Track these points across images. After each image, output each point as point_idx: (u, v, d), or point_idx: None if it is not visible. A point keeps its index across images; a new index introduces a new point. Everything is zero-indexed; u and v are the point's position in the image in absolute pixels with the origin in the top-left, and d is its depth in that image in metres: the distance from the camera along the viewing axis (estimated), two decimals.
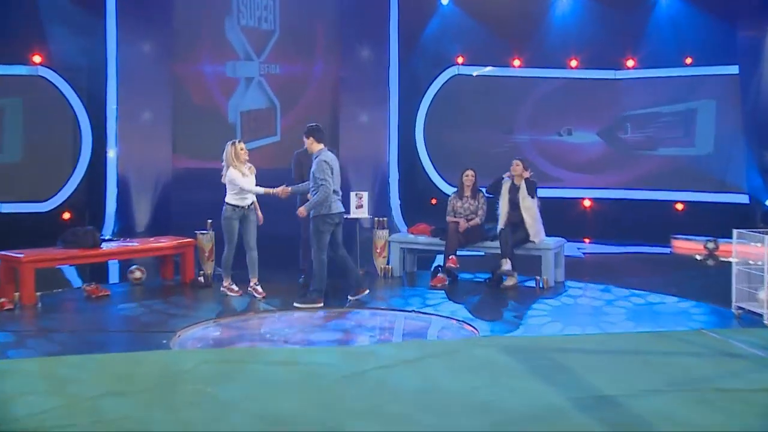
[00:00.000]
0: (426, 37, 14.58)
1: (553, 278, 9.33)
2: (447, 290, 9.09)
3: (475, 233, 9.53)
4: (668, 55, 13.79)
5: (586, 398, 5.33)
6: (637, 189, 14.15)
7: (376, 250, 10.10)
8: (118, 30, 13.41)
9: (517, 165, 9.51)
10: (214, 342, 7.27)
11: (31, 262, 8.25)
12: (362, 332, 7.71)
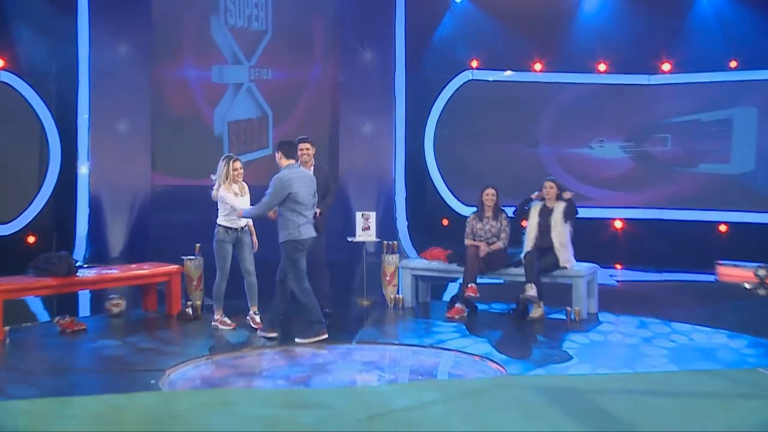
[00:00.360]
0: (436, 38, 14.80)
1: (585, 310, 9.38)
2: (466, 323, 9.15)
3: (497, 259, 9.58)
4: (710, 57, 13.95)
5: None
6: (674, 208, 14.29)
7: (385, 277, 10.15)
8: (91, 30, 13.59)
9: (551, 188, 9.56)
10: (209, 382, 7.30)
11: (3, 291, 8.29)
12: (374, 371, 7.76)
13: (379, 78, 14.65)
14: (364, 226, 10.14)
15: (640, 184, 14.52)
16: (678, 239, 13.86)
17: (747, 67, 13.75)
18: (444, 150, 14.74)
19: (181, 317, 9.26)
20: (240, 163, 9.19)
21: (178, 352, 7.96)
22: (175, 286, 9.50)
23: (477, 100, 14.65)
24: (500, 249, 9.60)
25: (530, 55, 14.55)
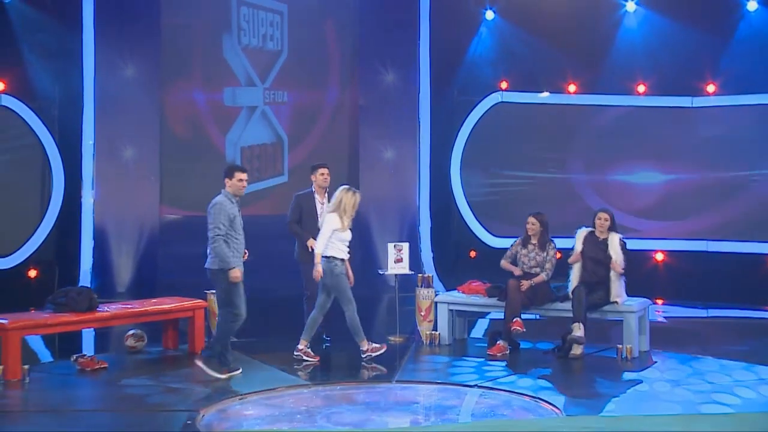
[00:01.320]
0: (464, 58, 14.91)
1: (637, 347, 9.47)
2: (509, 360, 9.27)
3: (540, 292, 9.69)
4: (757, 78, 13.99)
5: None
6: (721, 240, 14.31)
7: (420, 312, 10.27)
8: (96, 51, 13.78)
9: (605, 219, 9.70)
10: (248, 423, 7.42)
11: (18, 329, 8.43)
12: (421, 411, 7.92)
13: (401, 100, 14.76)
14: (396, 258, 10.21)
15: (683, 213, 14.58)
16: (725, 272, 13.86)
17: None
18: (471, 177, 14.81)
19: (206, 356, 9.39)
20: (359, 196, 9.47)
21: (210, 391, 8.12)
22: (198, 322, 9.64)
23: (506, 124, 14.76)
24: (543, 281, 9.73)
25: (564, 76, 14.64)
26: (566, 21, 14.16)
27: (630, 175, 14.79)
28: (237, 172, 8.88)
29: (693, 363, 9.28)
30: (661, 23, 14.36)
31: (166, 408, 7.66)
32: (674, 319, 12.14)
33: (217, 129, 14.62)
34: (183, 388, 8.33)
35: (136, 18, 13.86)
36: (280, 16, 14.67)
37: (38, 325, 8.81)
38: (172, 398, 7.99)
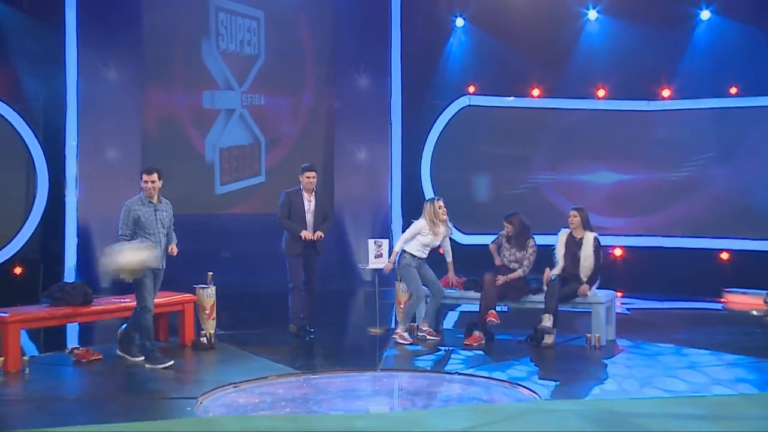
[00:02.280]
0: (434, 64, 14.98)
1: (604, 336, 9.69)
2: (485, 350, 9.42)
3: (516, 287, 9.86)
4: (710, 83, 14.16)
5: None
6: (675, 236, 14.50)
7: (399, 305, 10.39)
8: (79, 55, 13.77)
9: (574, 216, 9.93)
10: (243, 408, 7.50)
11: (18, 322, 8.49)
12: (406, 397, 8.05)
13: (374, 104, 14.90)
14: (377, 253, 10.19)
15: (640, 210, 14.76)
16: (679, 266, 14.04)
17: (750, 93, 13.97)
18: (441, 176, 14.91)
19: (196, 347, 9.50)
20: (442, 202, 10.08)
21: (205, 380, 8.20)
22: (188, 315, 9.71)
23: (474, 126, 14.87)
24: (519, 277, 9.92)
25: (528, 81, 14.76)
26: (532, 28, 14.25)
27: (591, 175, 14.91)
28: (143, 174, 8.98)
29: (656, 350, 9.52)
30: (621, 31, 14.47)
31: (165, 395, 7.78)
32: (635, 310, 12.31)
33: (197, 131, 14.65)
34: (179, 377, 8.44)
35: (117, 23, 13.85)
36: (257, 22, 14.73)
37: (36, 319, 8.87)
38: (169, 386, 8.08)
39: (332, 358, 9.27)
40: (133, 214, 8.78)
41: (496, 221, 10.53)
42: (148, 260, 5.02)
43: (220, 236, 14.16)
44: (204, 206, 14.55)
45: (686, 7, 14.27)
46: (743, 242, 14.10)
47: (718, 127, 14.32)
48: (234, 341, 9.73)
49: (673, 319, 11.93)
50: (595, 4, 14.52)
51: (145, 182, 8.86)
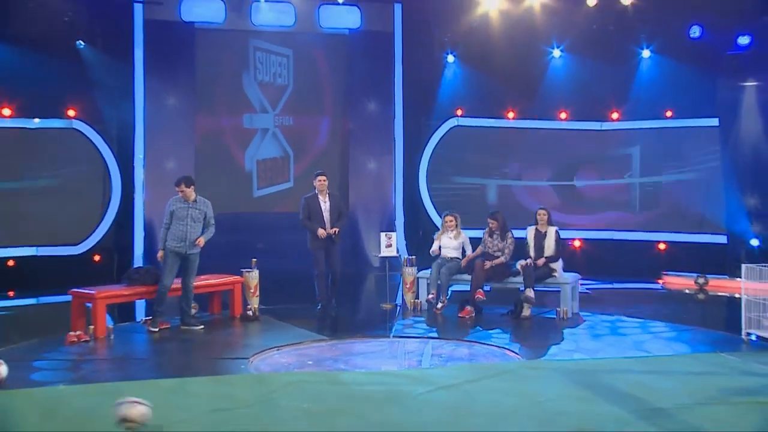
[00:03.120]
0: (429, 92, 14.91)
1: (570, 310, 9.80)
2: (475, 321, 9.49)
3: (500, 270, 9.94)
4: (649, 108, 14.16)
5: (640, 410, 5.85)
6: (623, 230, 14.49)
7: (405, 285, 10.46)
8: (146, 85, 13.74)
9: (543, 215, 10.04)
10: (285, 366, 7.61)
11: (103, 298, 8.61)
12: (416, 357, 8.13)
13: (381, 124, 14.84)
14: (387, 243, 10.33)
15: (594, 210, 14.75)
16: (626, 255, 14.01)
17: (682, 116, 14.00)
18: (434, 183, 14.87)
19: (244, 318, 9.58)
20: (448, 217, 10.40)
21: (253, 344, 8.30)
22: (237, 293, 9.80)
23: (461, 142, 14.82)
24: (502, 263, 9.98)
25: (505, 105, 14.73)
26: (508, 63, 14.14)
27: (554, 181, 14.89)
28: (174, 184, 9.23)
29: (611, 320, 9.62)
30: (579, 66, 14.43)
31: (223, 356, 7.87)
32: (593, 289, 12.32)
33: (238, 146, 14.64)
34: (232, 342, 8.55)
35: (176, 60, 13.88)
36: (287, 58, 14.72)
37: (118, 295, 9.01)
38: (225, 349, 8.19)
39: (353, 328, 9.36)
40: (170, 208, 9.06)
41: (480, 218, 10.62)
42: (147, 416, 5.09)
43: (257, 231, 14.16)
44: (244, 207, 14.56)
45: (631, 46, 14.22)
46: (677, 235, 14.09)
47: (656, 143, 14.30)
48: (274, 314, 9.80)
49: (623, 297, 11.99)
50: (558, 44, 14.49)
51: (180, 191, 9.15)
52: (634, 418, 5.67)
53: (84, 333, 8.35)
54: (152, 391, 6.34)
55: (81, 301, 8.67)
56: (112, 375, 7.15)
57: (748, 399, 6.15)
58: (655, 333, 8.95)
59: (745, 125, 13.33)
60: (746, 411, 5.85)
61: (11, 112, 12.75)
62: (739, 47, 13.23)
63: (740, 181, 13.27)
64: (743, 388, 6.49)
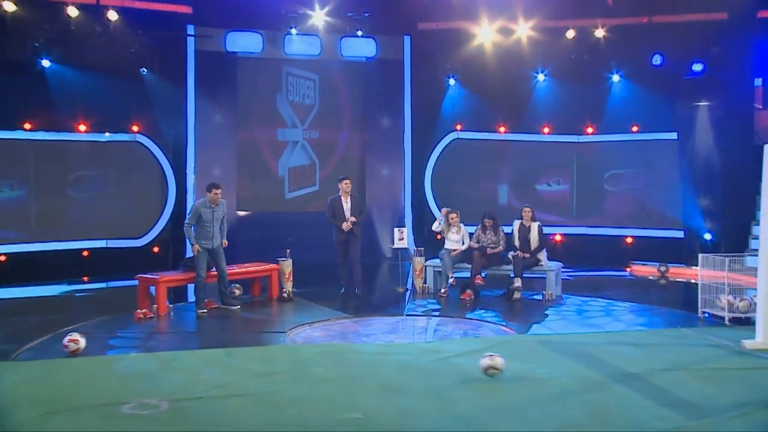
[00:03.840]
0: (433, 110, 14.85)
1: (555, 293, 9.84)
2: (474, 302, 9.54)
3: (495, 259, 10.00)
4: (619, 124, 14.13)
5: (617, 374, 5.93)
6: (596, 226, 14.44)
7: (415, 272, 10.48)
8: (196, 105, 13.75)
9: (528, 212, 10.08)
10: (317, 339, 7.69)
11: (165, 282, 8.72)
12: (426, 332, 8.19)
13: (392, 137, 14.81)
14: (399, 237, 10.35)
15: (573, 209, 14.71)
16: (599, 247, 13.97)
17: (646, 131, 13.99)
18: (437, 186, 14.82)
19: (280, 299, 9.64)
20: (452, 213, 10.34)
21: (288, 321, 8.40)
22: (274, 278, 9.84)
23: (460, 152, 14.79)
24: (497, 253, 10.01)
25: (497, 121, 14.70)
26: (500, 86, 14.13)
27: (539, 185, 14.86)
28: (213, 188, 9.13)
29: (589, 302, 9.66)
30: (560, 88, 14.35)
31: (264, 330, 7.95)
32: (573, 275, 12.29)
33: (273, 156, 14.60)
34: (270, 319, 8.62)
35: (220, 83, 13.86)
36: (314, 82, 14.68)
37: (176, 280, 9.08)
38: (265, 325, 8.28)
39: (371, 307, 9.39)
40: (198, 212, 9.00)
41: (476, 216, 10.62)
42: (504, 365, 5.51)
43: (289, 227, 14.14)
44: (278, 207, 14.57)
45: (603, 72, 14.14)
46: (642, 231, 14.07)
47: (624, 153, 14.28)
48: (305, 296, 9.86)
49: (598, 282, 11.92)
50: (542, 70, 14.43)
51: (215, 194, 9.05)
52: (611, 382, 5.75)
53: (149, 311, 8.45)
54: (207, 359, 6.48)
55: (146, 284, 8.76)
56: (173, 345, 7.25)
57: (705, 366, 6.24)
58: (625, 312, 9.01)
59: (699, 139, 13.38)
60: (704, 375, 5.94)
61: (86, 127, 12.82)
62: (694, 73, 13.28)
63: (695, 185, 13.32)
64: (700, 357, 6.57)
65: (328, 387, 5.63)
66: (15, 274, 11.58)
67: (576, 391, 5.50)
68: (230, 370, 6.08)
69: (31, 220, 12.43)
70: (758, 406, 5.16)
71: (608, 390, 5.53)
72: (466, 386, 5.62)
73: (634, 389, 5.52)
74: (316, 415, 4.98)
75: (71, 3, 12.04)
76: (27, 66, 12.23)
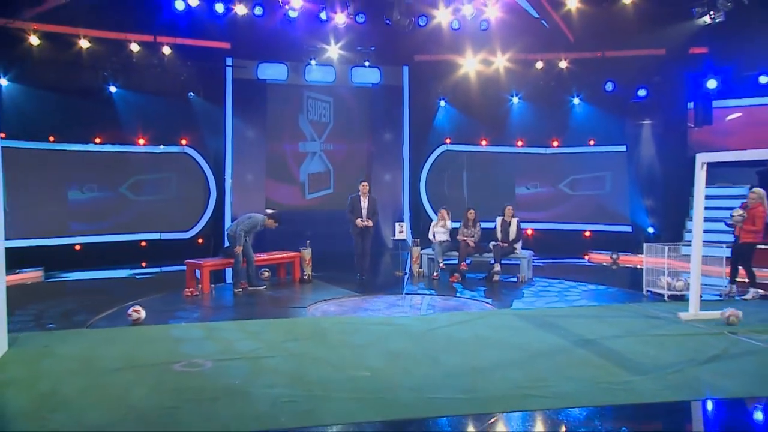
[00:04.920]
0: (427, 126, 14.87)
1: (527, 276, 9.86)
2: (461, 284, 9.55)
3: (477, 248, 9.99)
4: (578, 139, 14.18)
5: (578, 340, 5.96)
6: (562, 222, 14.46)
7: (412, 259, 10.51)
8: (233, 123, 13.82)
9: (510, 209, 10.09)
10: (332, 312, 7.70)
11: (208, 266, 8.76)
12: (420, 307, 8.17)
13: (394, 149, 14.83)
14: (399, 230, 10.38)
15: (542, 208, 14.65)
16: (565, 240, 14.00)
17: (601, 144, 14.01)
18: (431, 190, 14.81)
19: (302, 281, 9.65)
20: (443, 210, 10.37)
21: (308, 298, 8.38)
22: (296, 264, 9.85)
23: (449, 162, 14.80)
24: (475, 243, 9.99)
25: (479, 135, 14.72)
26: (482, 106, 14.24)
27: (515, 187, 14.79)
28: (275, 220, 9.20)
29: (556, 283, 9.64)
30: (530, 109, 14.36)
31: (289, 305, 7.95)
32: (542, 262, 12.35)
33: (295, 164, 14.64)
34: (293, 297, 8.60)
35: (252, 104, 13.92)
36: (329, 104, 14.73)
37: (218, 264, 9.09)
38: (289, 301, 8.25)
39: (377, 288, 9.38)
40: (257, 228, 9.04)
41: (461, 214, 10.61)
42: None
43: (308, 222, 14.04)
44: (299, 206, 14.58)
45: (566, 96, 14.19)
46: (597, 225, 14.06)
47: (583, 162, 14.28)
48: (322, 279, 9.87)
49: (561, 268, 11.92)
50: (516, 94, 14.49)
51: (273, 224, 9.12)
52: (572, 346, 5.78)
53: (195, 290, 8.49)
54: (242, 328, 6.51)
55: (192, 268, 8.78)
56: (215, 317, 7.27)
57: (648, 333, 6.27)
58: (584, 291, 9.00)
59: (644, 151, 13.45)
60: (647, 341, 5.96)
61: (144, 141, 12.90)
62: (639, 97, 13.33)
63: (640, 188, 13.37)
64: (645, 326, 6.59)
65: (342, 350, 5.67)
66: (87, 261, 11.70)
67: (545, 353, 5.54)
68: (262, 336, 6.12)
69: (100, 216, 12.49)
70: (690, 364, 5.20)
71: (571, 352, 5.57)
72: (455, 350, 5.66)
73: (592, 352, 5.55)
74: (332, 372, 5.02)
75: (133, 40, 12.17)
76: (98, 91, 12.36)
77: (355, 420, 4.10)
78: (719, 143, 12.45)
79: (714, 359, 5.33)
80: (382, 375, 4.94)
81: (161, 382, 4.77)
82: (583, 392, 4.55)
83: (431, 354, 5.53)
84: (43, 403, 4.36)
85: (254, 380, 4.83)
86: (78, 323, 6.83)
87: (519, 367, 5.15)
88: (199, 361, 5.26)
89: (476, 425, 4.04)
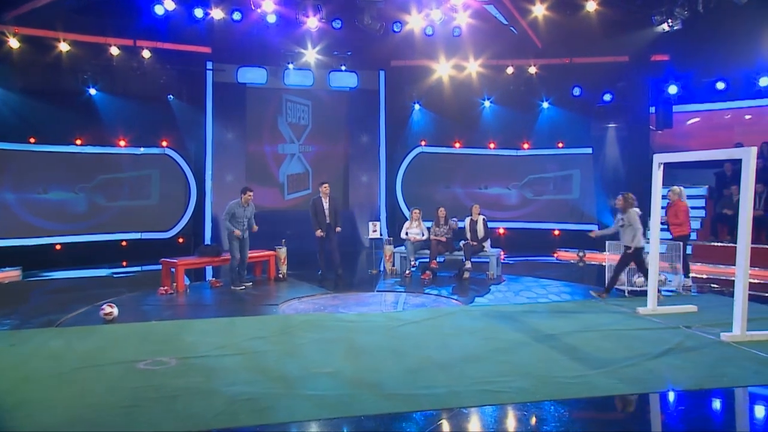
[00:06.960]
0: (402, 129, 14.79)
1: (496, 273, 9.78)
2: (431, 281, 9.45)
3: (448, 246, 9.90)
4: (549, 140, 14.18)
5: (539, 336, 5.88)
6: (531, 221, 14.46)
7: (385, 257, 10.37)
8: (213, 125, 13.61)
9: (477, 209, 10.02)
10: (304, 310, 7.55)
11: (183, 265, 8.56)
12: (392, 304, 8.05)
13: (371, 151, 14.73)
14: (373, 230, 10.32)
15: (512, 208, 14.66)
16: (532, 238, 14.02)
17: (569, 146, 14.04)
18: (406, 190, 14.75)
19: (277, 279, 9.49)
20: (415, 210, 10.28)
21: (281, 296, 8.23)
22: (272, 262, 9.67)
23: (424, 163, 14.73)
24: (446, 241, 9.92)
25: (453, 138, 14.67)
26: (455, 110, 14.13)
27: (486, 189, 14.78)
28: (248, 191, 8.97)
29: (523, 280, 9.57)
30: (502, 112, 14.38)
31: (261, 303, 7.79)
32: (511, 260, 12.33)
33: (275, 165, 14.45)
34: (268, 294, 8.44)
35: (232, 107, 13.75)
36: (308, 107, 14.57)
37: (192, 263, 8.91)
38: (261, 299, 8.09)
39: (349, 285, 9.24)
40: (232, 210, 8.80)
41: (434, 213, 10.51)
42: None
43: (287, 222, 13.92)
44: (278, 206, 14.41)
45: (535, 100, 14.19)
46: (566, 225, 14.09)
47: (552, 163, 14.30)
48: (296, 277, 9.72)
49: (531, 265, 11.89)
50: (488, 97, 14.46)
51: (249, 195, 8.85)
52: (532, 341, 5.70)
53: (170, 288, 8.30)
54: (214, 325, 6.33)
55: (168, 266, 8.60)
56: (187, 315, 7.08)
57: (608, 327, 6.23)
58: (551, 287, 8.94)
59: (608, 152, 13.45)
60: (607, 335, 5.91)
61: (125, 143, 12.65)
62: (604, 102, 13.34)
63: (605, 188, 13.32)
64: (605, 320, 6.54)
65: (308, 347, 5.52)
66: (68, 260, 11.44)
67: (506, 349, 5.44)
68: (230, 334, 5.96)
69: (80, 217, 12.21)
70: (647, 357, 5.13)
71: (531, 347, 5.48)
72: (419, 347, 5.54)
73: (551, 347, 5.47)
74: (295, 369, 4.87)
75: (113, 44, 11.90)
76: (78, 94, 12.11)
77: (313, 417, 3.95)
78: (680, 145, 12.53)
79: (668, 353, 5.27)
80: (345, 372, 4.81)
81: (122, 381, 4.59)
82: (539, 387, 4.45)
83: (396, 350, 5.41)
84: (1, 402, 4.16)
85: (216, 378, 4.67)
86: (49, 322, 6.59)
87: (480, 362, 5.05)
88: (164, 359, 5.09)
89: (432, 420, 3.92)
